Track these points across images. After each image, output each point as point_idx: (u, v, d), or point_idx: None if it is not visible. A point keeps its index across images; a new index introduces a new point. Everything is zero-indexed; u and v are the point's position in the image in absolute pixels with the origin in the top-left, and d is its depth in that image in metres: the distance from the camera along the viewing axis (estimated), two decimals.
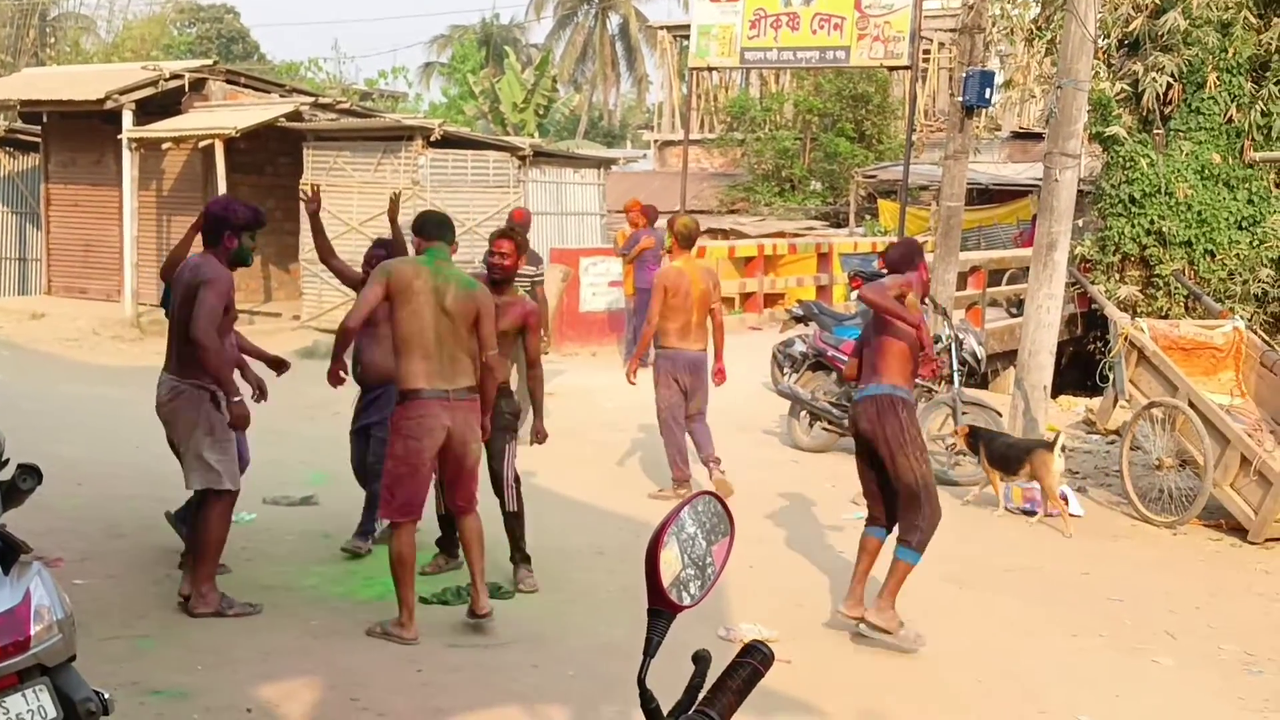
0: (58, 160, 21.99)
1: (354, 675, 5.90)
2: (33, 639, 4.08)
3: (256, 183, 20.28)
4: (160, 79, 19.48)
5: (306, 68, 39.92)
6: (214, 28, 50.65)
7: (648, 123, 44.34)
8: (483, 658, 6.25)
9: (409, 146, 17.58)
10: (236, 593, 6.96)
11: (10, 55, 34.42)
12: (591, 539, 8.56)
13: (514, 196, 18.27)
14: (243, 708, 5.45)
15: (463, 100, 35.76)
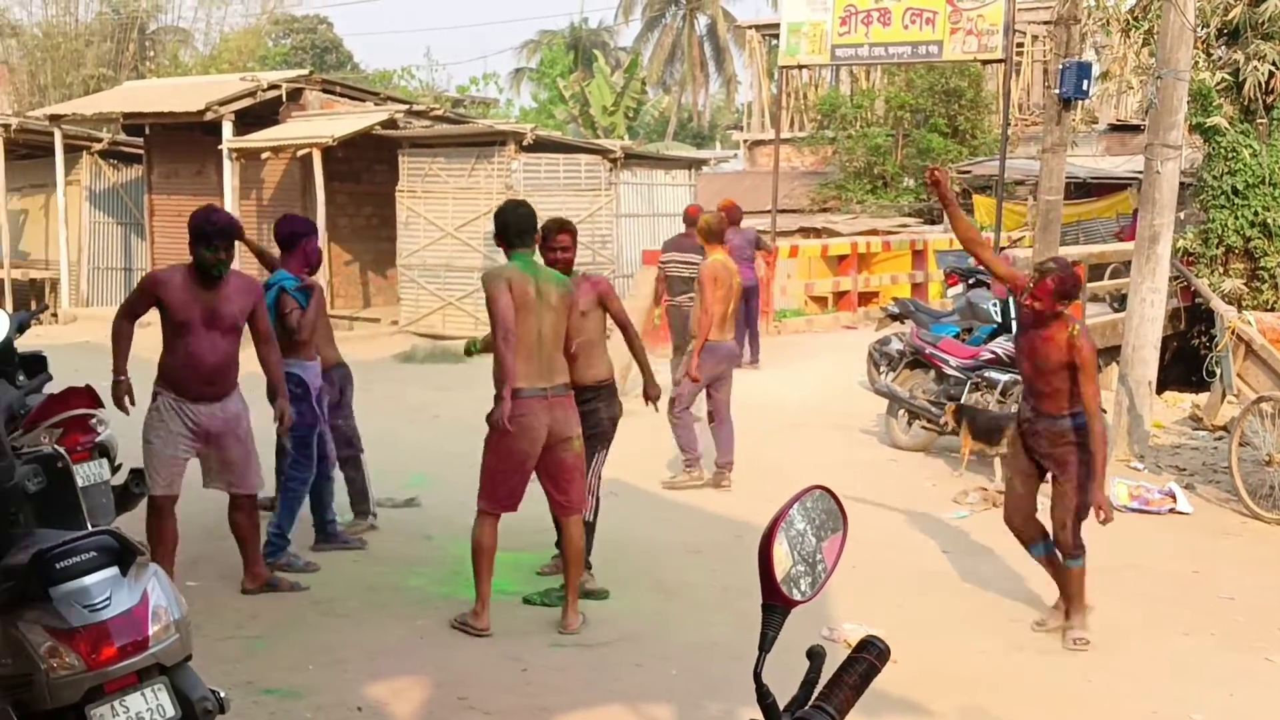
0: (160, 171, 22.49)
1: (460, 674, 5.96)
2: (151, 639, 4.17)
3: (354, 190, 20.60)
4: (258, 89, 19.86)
5: (399, 76, 40.42)
6: (308, 38, 51.49)
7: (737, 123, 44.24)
8: (586, 657, 6.28)
9: (501, 151, 17.73)
10: (345, 593, 7.09)
11: (111, 69, 35.23)
12: (687, 537, 8.56)
13: (605, 199, 18.34)
14: (353, 706, 5.54)
15: (553, 105, 36.02)
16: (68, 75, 34.13)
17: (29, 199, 24.50)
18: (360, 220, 21.07)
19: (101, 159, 23.40)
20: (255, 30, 38.97)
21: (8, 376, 6.53)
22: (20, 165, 23.81)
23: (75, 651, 4.04)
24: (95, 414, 7.12)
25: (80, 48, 35.01)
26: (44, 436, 6.76)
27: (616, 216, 18.51)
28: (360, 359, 18.11)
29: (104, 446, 7.09)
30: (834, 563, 2.18)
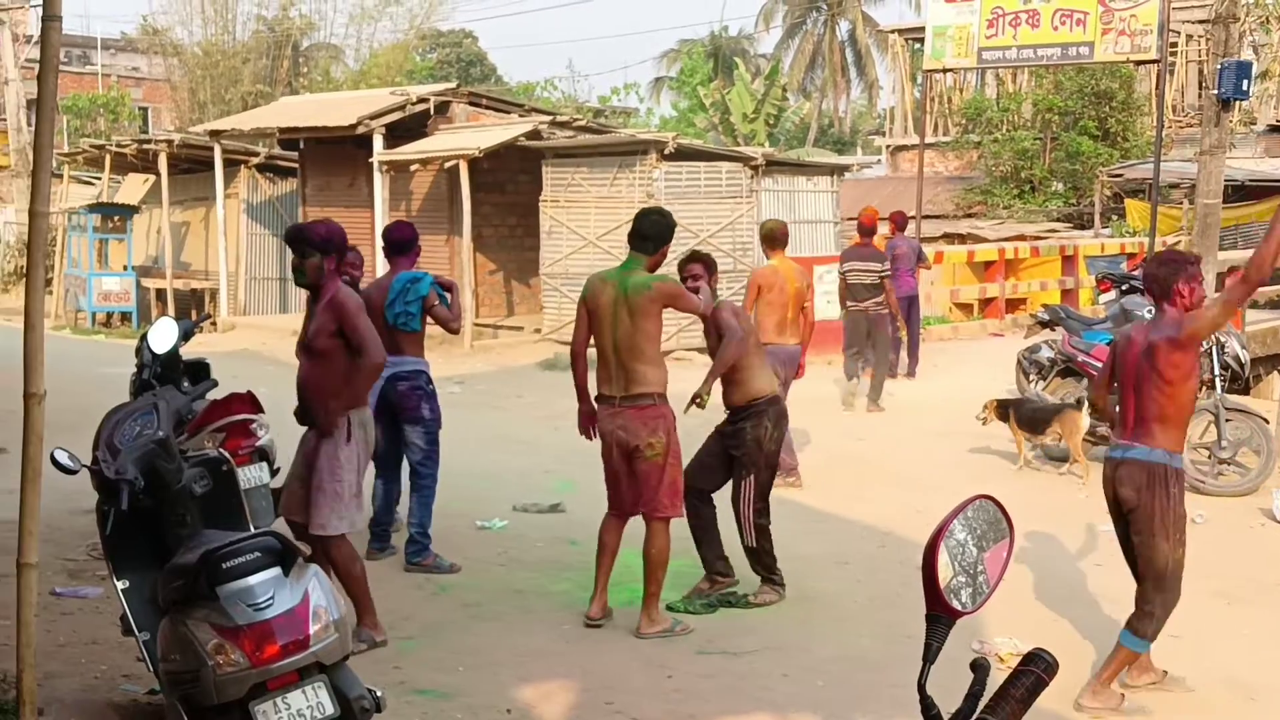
0: (314, 184, 23.12)
1: (607, 679, 6.01)
2: (311, 638, 4.29)
3: (499, 201, 20.89)
4: (408, 103, 20.29)
5: (542, 88, 40.91)
6: (453, 52, 52.44)
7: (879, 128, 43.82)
8: (733, 665, 6.28)
9: (643, 160, 17.82)
10: (492, 597, 7.21)
11: (267, 85, 36.29)
12: (834, 549, 8.50)
13: (747, 206, 18.32)
14: (502, 708, 5.62)
15: (693, 113, 36.10)
16: (226, 92, 35.25)
17: (190, 212, 25.37)
18: (504, 230, 21.36)
19: (258, 172, 24.13)
20: (403, 45, 39.77)
21: (174, 383, 6.75)
22: (182, 179, 24.67)
23: (240, 649, 4.18)
24: (256, 419, 7.35)
25: (238, 65, 36.12)
26: (208, 440, 6.99)
27: (758, 224, 18.44)
28: (504, 366, 18.45)
29: (264, 451, 7.32)
30: (999, 573, 2.15)
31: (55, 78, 4.27)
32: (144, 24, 39.79)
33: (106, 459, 4.79)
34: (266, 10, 38.15)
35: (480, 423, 12.25)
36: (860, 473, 10.89)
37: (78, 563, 7.71)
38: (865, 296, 13.49)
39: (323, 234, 6.25)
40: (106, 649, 6.09)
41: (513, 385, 15.37)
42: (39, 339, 4.33)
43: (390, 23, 40.34)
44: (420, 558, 7.73)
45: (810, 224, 19.40)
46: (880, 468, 11.02)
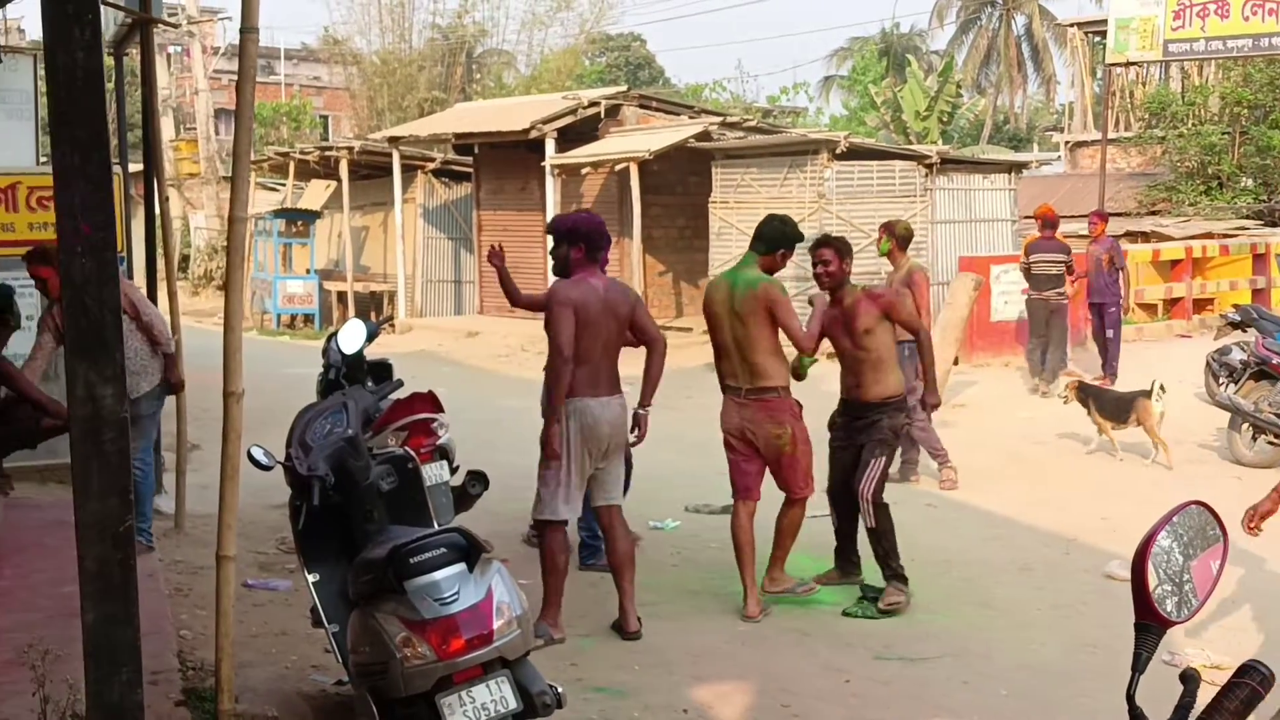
0: (487, 188, 23.54)
1: (782, 681, 5.98)
2: (495, 633, 4.36)
3: (668, 202, 20.98)
4: (579, 107, 20.52)
5: (711, 89, 40.95)
6: (622, 55, 52.85)
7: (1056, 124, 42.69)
8: (911, 671, 6.19)
9: (814, 160, 17.70)
10: (666, 597, 7.23)
11: (441, 91, 37.08)
12: (1015, 555, 8.31)
13: (921, 205, 18.04)
14: (679, 708, 5.63)
15: (863, 111, 35.72)
16: (403, 99, 36.13)
17: (369, 216, 26.09)
18: (674, 231, 21.45)
19: (434, 177, 24.67)
20: (573, 50, 40.24)
21: (359, 383, 6.93)
22: (361, 185, 25.38)
23: (427, 642, 4.27)
24: (436, 418, 7.51)
25: (413, 73, 37.00)
26: (391, 439, 7.17)
27: (932, 223, 18.17)
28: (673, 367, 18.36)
29: (444, 449, 7.47)
30: (1211, 581, 2.08)
31: (253, 87, 4.43)
32: (325, 34, 41.05)
33: (299, 456, 4.93)
34: (441, 19, 39.04)
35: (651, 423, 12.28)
36: (1040, 477, 10.63)
37: (268, 556, 7.98)
38: (1047, 286, 14.19)
39: (569, 225, 6.62)
40: (296, 640, 6.27)
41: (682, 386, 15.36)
42: (238, 340, 4.50)
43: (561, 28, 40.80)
44: (594, 559, 7.80)
45: (987, 223, 19.03)
46: (1062, 472, 10.75)
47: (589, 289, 6.42)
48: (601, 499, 6.62)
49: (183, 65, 39.27)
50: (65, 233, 2.85)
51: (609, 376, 6.53)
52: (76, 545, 3.03)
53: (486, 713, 4.32)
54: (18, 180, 9.94)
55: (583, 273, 6.47)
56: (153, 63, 8.88)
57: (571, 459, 6.40)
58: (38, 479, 8.65)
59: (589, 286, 6.43)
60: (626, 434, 6.62)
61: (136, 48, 9.47)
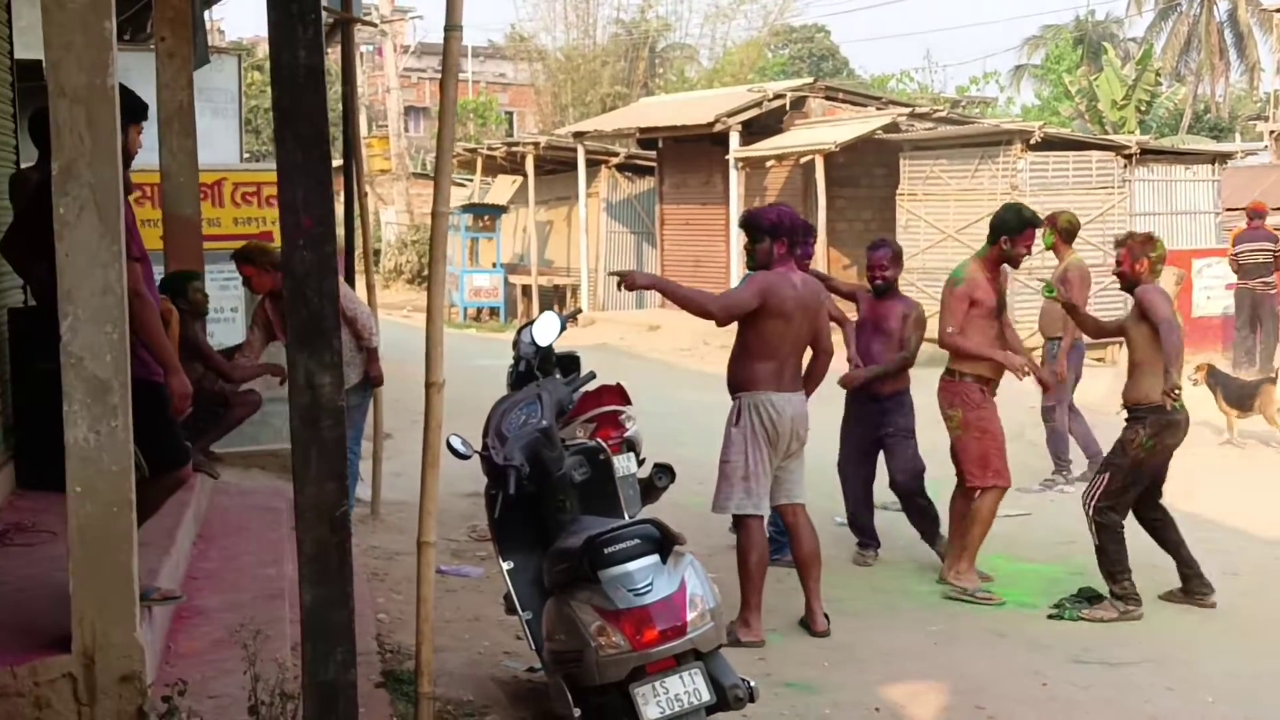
0: (670, 182, 23.64)
1: (976, 682, 5.86)
2: (688, 625, 4.37)
3: (853, 195, 20.76)
4: (764, 100, 20.45)
5: (897, 80, 40.37)
6: (805, 47, 52.45)
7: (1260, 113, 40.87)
8: (1111, 676, 6.00)
9: (1007, 151, 17.31)
10: (855, 594, 7.15)
11: (624, 86, 37.39)
12: (1222, 560, 7.97)
13: (1118, 197, 17.49)
14: (870, 706, 5.56)
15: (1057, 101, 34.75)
16: (586, 95, 36.55)
17: (553, 211, 26.46)
18: (859, 224, 21.21)
19: (617, 172, 24.88)
20: (756, 43, 40.12)
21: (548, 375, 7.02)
22: (546, 180, 25.75)
23: (621, 632, 4.30)
24: (625, 410, 7.56)
25: (597, 68, 37.39)
26: (579, 430, 7.25)
27: (1130, 215, 17.59)
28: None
29: (631, 441, 7.51)
30: None
31: (456, 84, 4.51)
32: (512, 31, 41.74)
33: (496, 446, 5.02)
34: (625, 14, 39.33)
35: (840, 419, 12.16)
36: (1247, 480, 10.21)
37: (459, 543, 8.14)
38: (1255, 275, 14.63)
39: (773, 219, 6.47)
40: (488, 626, 6.39)
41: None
42: (439, 331, 4.58)
43: (744, 20, 40.80)
44: (780, 555, 7.76)
45: (1188, 215, 18.35)
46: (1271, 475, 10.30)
47: (787, 283, 6.38)
48: (784, 497, 6.55)
49: (374, 64, 40.42)
50: (287, 227, 2.95)
51: (793, 373, 6.47)
52: (295, 528, 3.13)
53: (679, 704, 4.33)
54: (223, 177, 10.37)
55: (783, 268, 6.43)
56: (353, 61, 9.15)
57: (752, 452, 6.36)
58: (242, 464, 8.99)
59: (787, 281, 6.39)
60: (808, 430, 6.55)
61: (335, 47, 9.77)
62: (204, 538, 6.64)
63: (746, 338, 6.41)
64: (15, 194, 6.23)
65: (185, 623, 5.13)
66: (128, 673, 3.93)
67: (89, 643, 3.89)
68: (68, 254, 3.80)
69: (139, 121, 4.81)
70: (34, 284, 5.64)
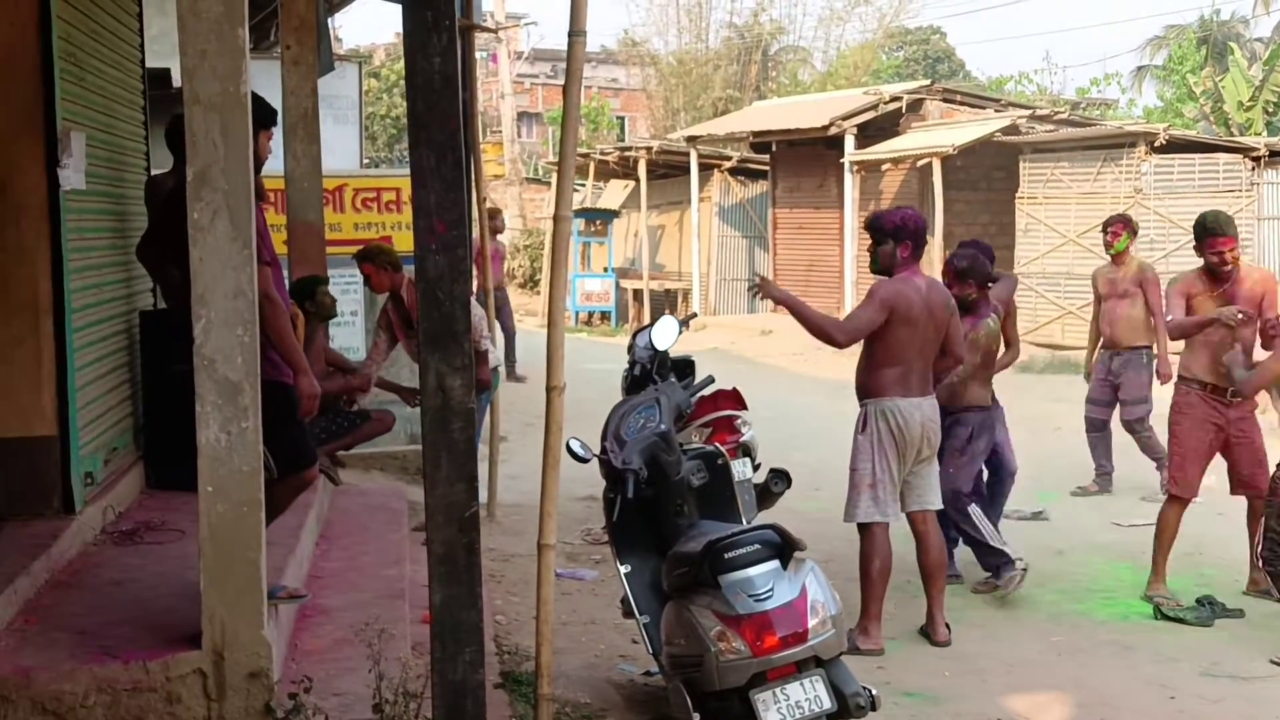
0: (784, 186, 23.52)
1: (1101, 695, 5.73)
2: (809, 632, 4.33)
3: (971, 199, 20.45)
4: (880, 102, 20.26)
5: (1015, 81, 39.73)
6: (920, 50, 51.88)
7: None
8: (1243, 690, 5.83)
9: (1130, 154, 16.94)
10: (974, 603, 7.04)
11: (737, 90, 37.29)
12: None
13: (1246, 201, 16.99)
14: (992, 717, 5.47)
15: (1180, 103, 33.89)
16: (698, 98, 36.52)
17: (665, 215, 26.49)
18: (977, 228, 20.81)
19: (730, 176, 24.83)
20: (870, 45, 39.76)
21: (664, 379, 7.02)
22: (658, 184, 25.78)
23: (741, 637, 4.29)
24: (740, 415, 7.54)
25: (709, 72, 37.33)
26: (695, 435, 7.24)
27: (1259, 219, 17.08)
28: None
29: (747, 446, 7.48)
30: None
31: (579, 89, 4.53)
32: (624, 36, 41.89)
33: (614, 449, 5.03)
34: (738, 17, 39.24)
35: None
36: None
37: (574, 546, 8.18)
38: None
39: (896, 222, 6.40)
40: (604, 629, 6.40)
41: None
42: (560, 335, 4.60)
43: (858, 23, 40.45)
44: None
45: None
46: None
47: (913, 288, 6.28)
48: (916, 503, 6.43)
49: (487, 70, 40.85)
50: (420, 230, 2.99)
51: (921, 378, 6.36)
52: (425, 529, 3.16)
53: (800, 710, 4.30)
54: (344, 183, 10.54)
55: (907, 271, 6.34)
56: (473, 68, 9.24)
57: (879, 460, 6.28)
58: (361, 466, 9.14)
59: (913, 285, 6.30)
60: (939, 435, 6.45)
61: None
62: (326, 538, 6.75)
63: (873, 344, 6.33)
64: (151, 199, 6.40)
65: (309, 621, 5.22)
66: (255, 669, 4.01)
67: (218, 640, 3.98)
68: (201, 258, 3.89)
69: (269, 128, 4.92)
70: (167, 287, 5.79)
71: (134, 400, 6.79)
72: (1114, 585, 7.45)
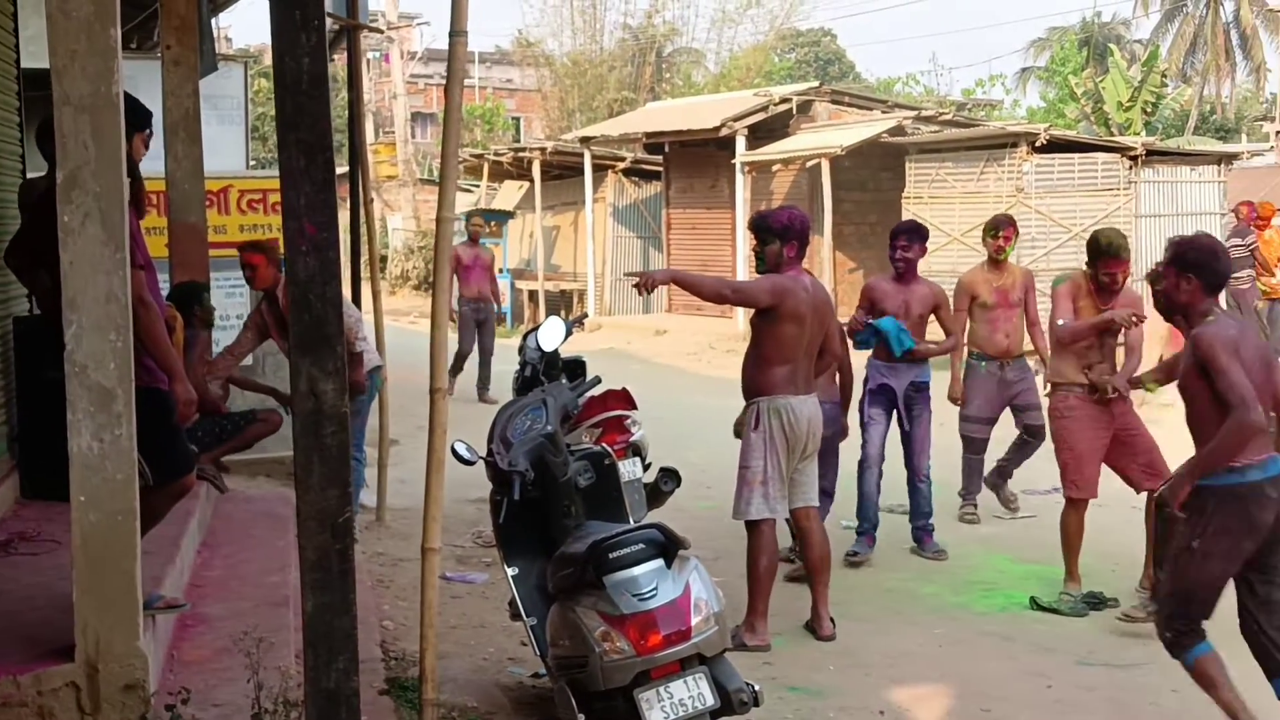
0: (677, 186, 23.65)
1: (982, 686, 5.85)
2: (693, 629, 4.36)
3: (859, 199, 20.76)
4: (770, 104, 20.46)
5: (903, 83, 40.36)
6: (812, 51, 52.48)
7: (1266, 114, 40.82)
8: (1116, 677, 6.00)
9: (1012, 154, 17.31)
10: (860, 597, 7.14)
11: (631, 91, 37.37)
12: None
13: (1124, 199, 17.46)
14: (875, 710, 5.56)
15: (1062, 103, 34.66)
16: (593, 100, 36.54)
17: (560, 216, 26.47)
18: (864, 228, 21.20)
19: (624, 177, 24.89)
20: (762, 47, 40.09)
21: (554, 379, 7.03)
22: (553, 185, 25.76)
23: (625, 637, 4.30)
24: (630, 415, 7.57)
25: (604, 73, 37.37)
26: (585, 435, 7.25)
27: (1136, 217, 17.57)
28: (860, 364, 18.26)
29: (637, 446, 7.52)
30: None
31: (461, 89, 4.52)
32: (519, 37, 41.75)
33: (500, 451, 5.02)
34: (632, 19, 39.33)
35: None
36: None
37: (464, 549, 8.14)
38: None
39: (783, 221, 6.45)
40: (493, 632, 6.39)
41: None
42: (443, 336, 4.59)
43: (751, 25, 40.70)
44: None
45: (1193, 216, 18.31)
46: None
47: (801, 286, 6.37)
48: (800, 500, 6.52)
49: (381, 70, 40.47)
50: (290, 232, 2.95)
51: (806, 376, 6.45)
52: (297, 536, 3.13)
53: (684, 708, 4.32)
54: (229, 184, 10.39)
55: (793, 270, 6.42)
56: (359, 68, 9.17)
57: (770, 457, 6.35)
58: (247, 472, 9.00)
59: (801, 284, 6.38)
60: (822, 433, 6.54)
61: (341, 53, 9.78)
62: (209, 545, 6.64)
63: (762, 342, 6.40)
64: (23, 202, 6.24)
65: (189, 631, 5.14)
66: (131, 681, 3.94)
67: (92, 652, 3.90)
68: (72, 262, 3.81)
69: (143, 129, 4.83)
70: (38, 292, 5.65)
71: (8, 408, 6.62)
72: (994, 577, 7.62)
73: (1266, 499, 4.87)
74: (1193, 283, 5.01)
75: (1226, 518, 4.88)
